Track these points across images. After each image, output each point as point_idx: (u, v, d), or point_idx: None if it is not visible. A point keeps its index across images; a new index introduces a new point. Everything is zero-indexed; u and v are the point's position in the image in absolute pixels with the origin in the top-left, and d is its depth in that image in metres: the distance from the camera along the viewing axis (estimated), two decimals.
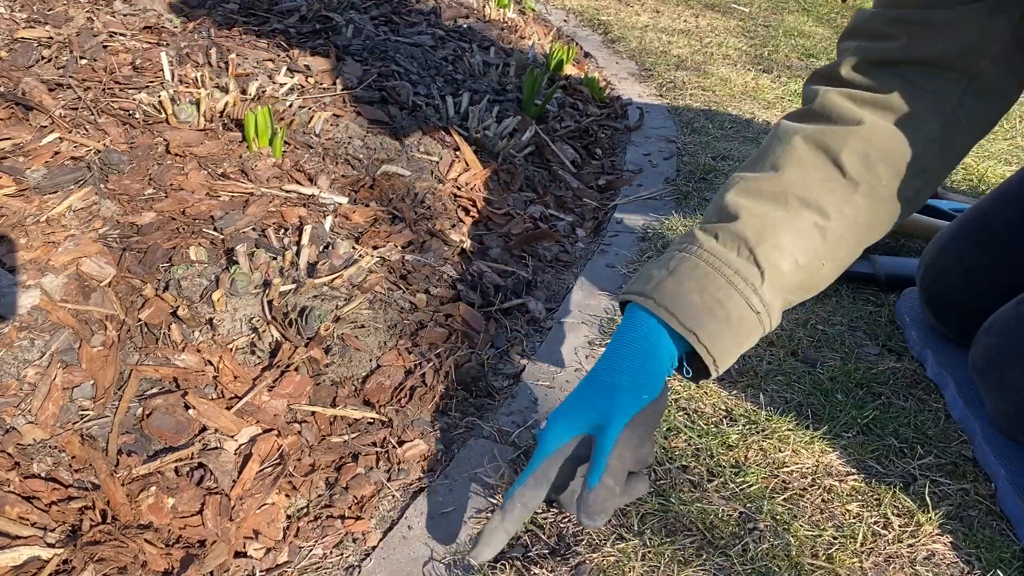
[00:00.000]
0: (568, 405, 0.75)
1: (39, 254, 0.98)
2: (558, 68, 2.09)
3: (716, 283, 0.73)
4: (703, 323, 0.72)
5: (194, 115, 1.31)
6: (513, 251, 1.33)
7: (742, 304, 0.73)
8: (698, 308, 0.72)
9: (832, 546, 0.79)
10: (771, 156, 0.80)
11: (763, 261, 0.74)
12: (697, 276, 0.74)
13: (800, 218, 0.75)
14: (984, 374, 0.94)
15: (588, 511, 0.68)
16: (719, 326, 0.72)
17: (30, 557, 0.72)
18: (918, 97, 0.77)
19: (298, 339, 0.99)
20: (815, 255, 0.76)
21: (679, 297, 0.73)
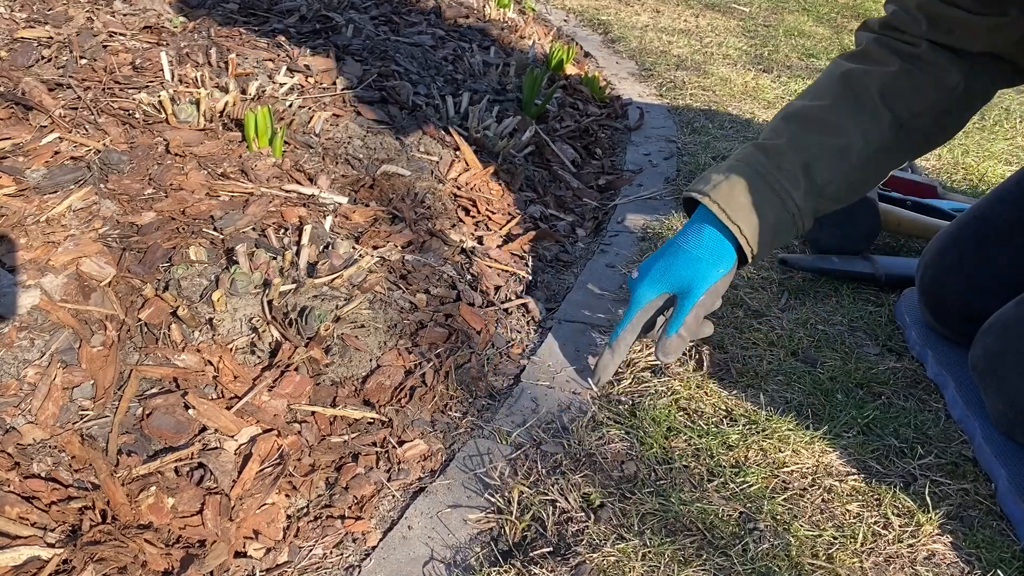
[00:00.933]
0: (656, 267, 0.98)
1: (39, 254, 0.98)
2: (558, 68, 2.09)
3: (760, 187, 0.93)
4: (746, 219, 0.92)
5: (194, 115, 1.31)
6: (513, 251, 1.33)
7: (780, 208, 0.93)
8: (744, 207, 0.92)
9: (832, 546, 0.79)
10: (817, 87, 1.00)
11: (800, 173, 0.94)
12: (744, 180, 0.93)
13: (833, 140, 0.94)
14: (984, 375, 0.94)
15: (665, 351, 0.97)
16: (759, 223, 0.93)
17: (30, 557, 0.72)
18: (942, 55, 0.95)
19: (298, 339, 0.99)
20: (843, 172, 0.95)
21: (731, 196, 0.93)
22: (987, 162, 1.84)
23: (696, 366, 1.06)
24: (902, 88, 0.95)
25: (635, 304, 0.98)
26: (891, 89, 0.95)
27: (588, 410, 0.97)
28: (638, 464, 0.89)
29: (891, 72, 0.95)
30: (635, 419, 0.95)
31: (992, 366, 0.93)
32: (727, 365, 1.07)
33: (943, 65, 0.95)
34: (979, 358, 0.95)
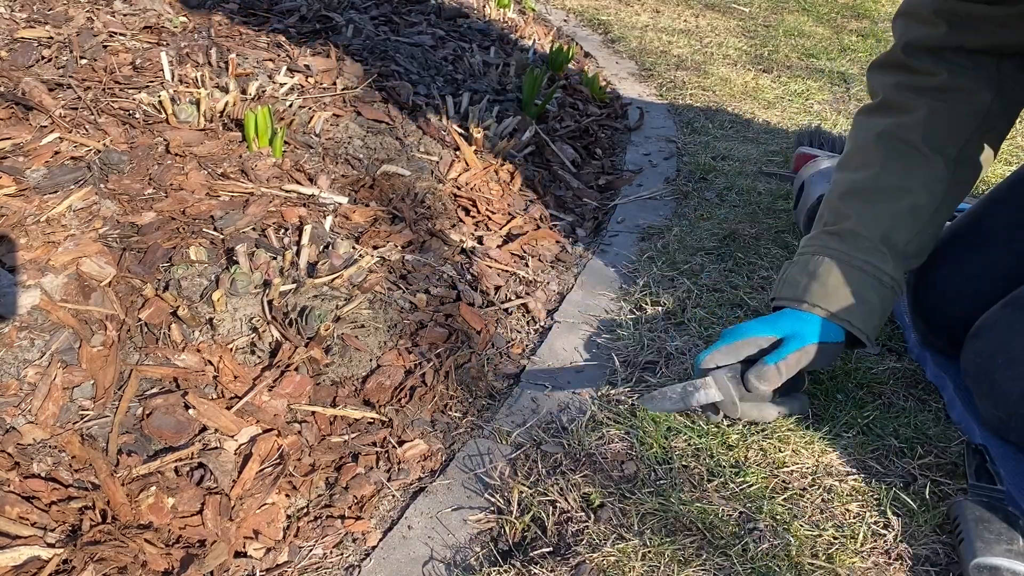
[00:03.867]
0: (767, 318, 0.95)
1: (39, 254, 0.98)
2: (558, 68, 2.09)
3: (853, 274, 0.92)
4: (851, 310, 0.91)
5: (194, 115, 1.31)
6: (513, 251, 1.33)
7: (878, 286, 0.93)
8: (843, 298, 0.92)
9: (832, 546, 0.79)
10: (861, 155, 0.98)
11: (883, 247, 0.93)
12: (836, 274, 0.92)
13: (901, 203, 0.94)
14: (975, 378, 0.94)
15: (760, 375, 0.90)
16: (866, 309, 0.92)
17: (30, 557, 0.72)
18: (963, 75, 0.94)
19: (298, 339, 0.99)
20: (919, 229, 0.95)
21: (827, 295, 0.92)
22: None
23: None
24: (940, 127, 0.94)
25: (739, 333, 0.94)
26: (931, 133, 0.94)
27: (588, 410, 0.97)
28: (638, 464, 0.89)
29: (924, 116, 0.94)
30: (635, 419, 0.95)
31: (982, 369, 0.93)
32: None
33: (970, 88, 0.94)
34: (969, 363, 0.96)
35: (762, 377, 0.90)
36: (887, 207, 0.94)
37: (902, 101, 0.96)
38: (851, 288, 0.91)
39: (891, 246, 0.93)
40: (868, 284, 0.92)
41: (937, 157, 0.94)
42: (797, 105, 2.16)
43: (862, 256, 0.93)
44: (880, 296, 0.93)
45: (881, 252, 0.93)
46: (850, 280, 0.92)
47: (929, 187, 0.94)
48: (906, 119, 0.95)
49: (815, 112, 2.12)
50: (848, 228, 0.94)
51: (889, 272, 0.93)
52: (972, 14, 0.91)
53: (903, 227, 0.94)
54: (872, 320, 0.93)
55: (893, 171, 0.95)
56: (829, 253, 0.94)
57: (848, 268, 0.92)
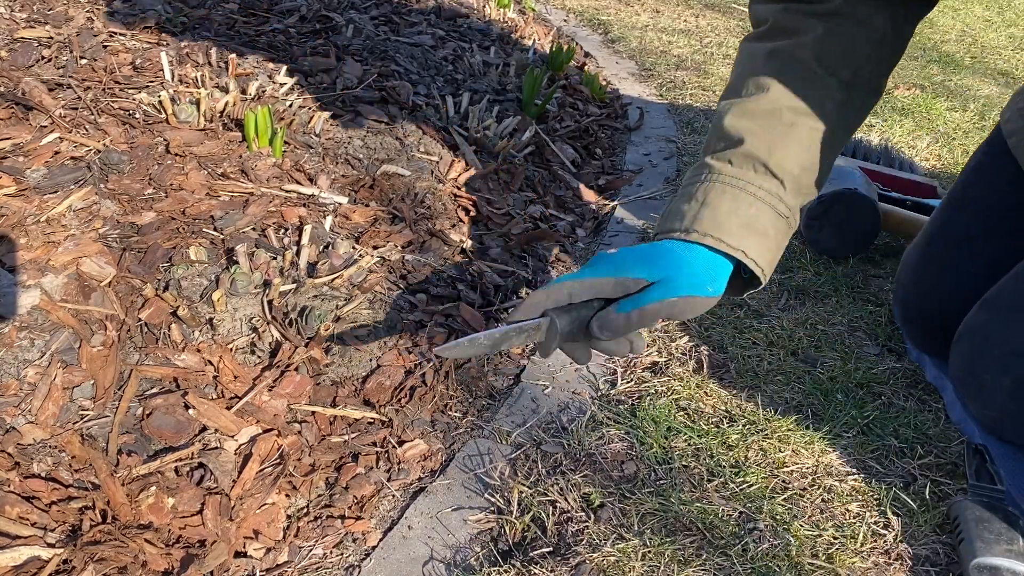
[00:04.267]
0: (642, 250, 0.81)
1: (39, 254, 0.98)
2: (558, 68, 2.09)
3: (747, 201, 0.81)
4: (745, 239, 0.80)
5: (194, 115, 1.31)
6: (513, 251, 1.33)
7: (772, 214, 0.82)
8: (737, 228, 0.80)
9: (832, 546, 0.79)
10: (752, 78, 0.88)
11: (778, 171, 0.83)
12: (728, 200, 0.81)
13: (796, 126, 0.85)
14: (964, 382, 0.95)
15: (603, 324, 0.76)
16: (760, 239, 0.81)
17: (30, 557, 0.72)
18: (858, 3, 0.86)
19: (298, 339, 0.99)
20: (817, 155, 0.86)
21: (718, 223, 0.80)
22: None
23: (696, 366, 1.06)
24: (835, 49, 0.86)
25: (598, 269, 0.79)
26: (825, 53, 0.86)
27: (588, 410, 0.97)
28: (638, 464, 0.89)
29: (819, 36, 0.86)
30: (635, 419, 0.95)
31: (970, 372, 0.93)
32: (727, 365, 1.07)
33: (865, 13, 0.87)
34: (956, 368, 0.96)
35: (605, 326, 0.76)
36: (781, 129, 0.85)
37: (795, 24, 0.88)
38: (744, 216, 0.81)
39: (786, 172, 0.83)
40: (764, 212, 0.82)
41: (831, 77, 0.87)
42: None
43: (757, 181, 0.83)
44: (775, 227, 0.83)
45: (776, 179, 0.83)
46: (743, 207, 0.81)
47: (823, 107, 0.86)
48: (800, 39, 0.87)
49: None
50: (740, 152, 0.84)
51: (785, 200, 0.83)
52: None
53: (799, 152, 0.85)
54: (767, 253, 0.82)
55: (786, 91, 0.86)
56: (719, 179, 0.83)
57: (741, 195, 0.82)
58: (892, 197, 1.43)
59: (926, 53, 2.92)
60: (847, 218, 1.31)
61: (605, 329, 0.77)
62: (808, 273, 1.30)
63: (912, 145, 1.96)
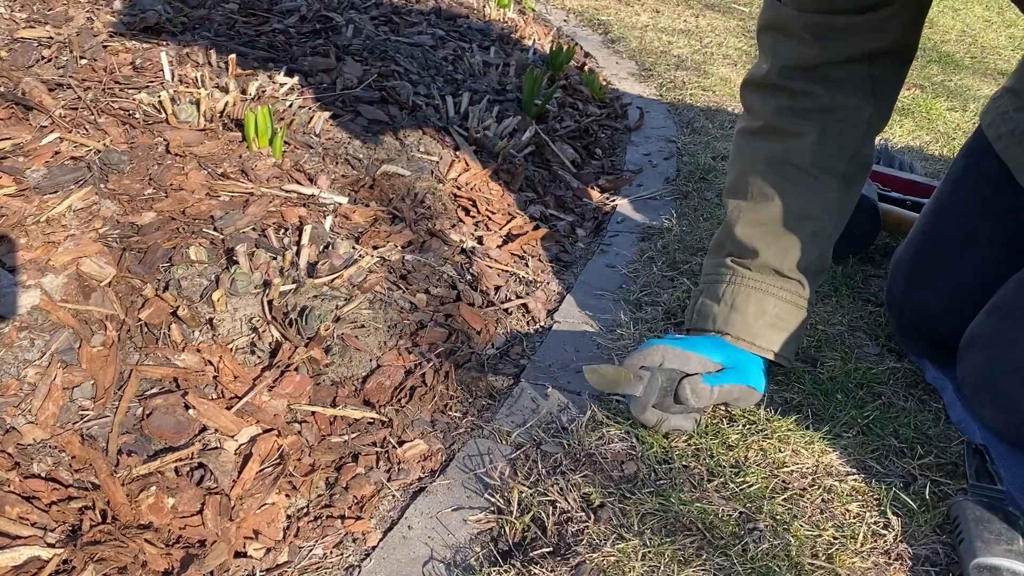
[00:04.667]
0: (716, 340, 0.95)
1: (39, 254, 0.98)
2: (558, 68, 2.09)
3: (771, 303, 0.95)
4: (773, 339, 0.94)
5: (194, 115, 1.31)
6: (513, 251, 1.33)
7: (795, 311, 0.95)
8: (764, 330, 0.94)
9: (832, 546, 0.79)
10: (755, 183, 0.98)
11: (794, 275, 0.95)
12: (753, 302, 0.94)
13: (805, 229, 0.95)
14: (976, 388, 0.94)
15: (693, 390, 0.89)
16: (784, 335, 0.95)
17: (30, 557, 0.72)
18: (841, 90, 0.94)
19: (298, 339, 0.99)
20: (823, 248, 0.98)
21: (747, 326, 0.94)
22: None
23: None
24: (830, 150, 0.95)
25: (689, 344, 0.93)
26: (820, 156, 0.95)
27: (588, 410, 0.97)
28: (638, 464, 0.89)
29: (812, 141, 0.95)
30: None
31: (984, 379, 0.92)
32: None
33: (850, 104, 0.95)
34: (969, 374, 0.95)
35: (696, 393, 0.89)
36: (792, 237, 0.95)
37: (787, 126, 0.97)
38: (771, 318, 0.94)
39: (801, 273, 0.95)
40: (787, 310, 0.95)
41: (829, 179, 0.96)
42: None
43: (778, 284, 0.95)
44: (798, 320, 0.95)
45: (795, 280, 0.95)
46: (769, 308, 0.94)
47: (828, 209, 0.97)
48: (793, 144, 0.96)
49: None
50: (758, 263, 0.96)
51: (803, 295, 0.96)
52: (841, 25, 0.90)
53: (809, 252, 0.96)
54: (792, 345, 0.96)
55: (792, 201, 0.96)
56: (744, 283, 0.96)
57: (765, 297, 0.94)
58: (892, 197, 1.43)
59: (926, 53, 2.92)
60: None
61: (696, 394, 0.89)
62: None
63: (912, 145, 1.96)
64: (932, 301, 1.06)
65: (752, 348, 0.93)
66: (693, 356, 0.92)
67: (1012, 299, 0.94)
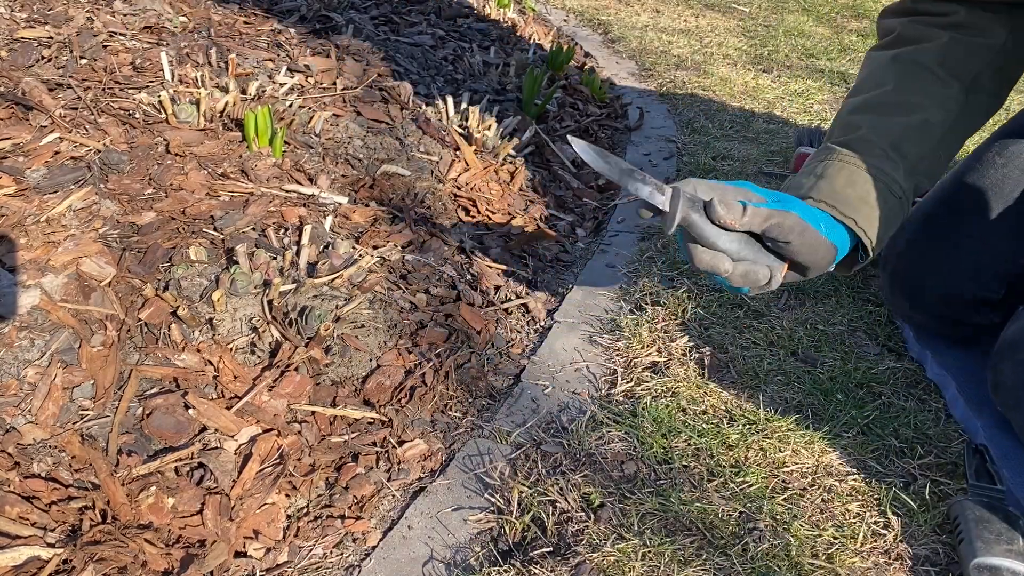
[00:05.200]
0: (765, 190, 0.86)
1: (39, 254, 0.98)
2: (558, 68, 2.09)
3: (863, 177, 0.87)
4: (858, 210, 0.85)
5: (194, 115, 1.31)
6: (513, 251, 1.33)
7: (887, 193, 0.87)
8: (852, 199, 0.85)
9: (832, 546, 0.79)
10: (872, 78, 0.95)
11: (894, 153, 0.88)
12: (845, 175, 0.87)
13: (914, 117, 0.90)
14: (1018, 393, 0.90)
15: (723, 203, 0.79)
16: (871, 211, 0.86)
17: (30, 557, 0.72)
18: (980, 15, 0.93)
19: (298, 339, 0.99)
20: (932, 145, 0.91)
21: (835, 192, 0.86)
22: None
23: (696, 366, 1.06)
24: (957, 55, 0.93)
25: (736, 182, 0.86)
26: (948, 58, 0.92)
27: (588, 410, 0.97)
28: (638, 464, 0.89)
29: (942, 43, 0.93)
30: (635, 419, 0.95)
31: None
32: (727, 365, 1.07)
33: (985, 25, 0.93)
34: (1008, 377, 0.91)
35: (727, 205, 0.79)
36: (899, 119, 0.90)
37: (919, 33, 0.95)
38: (859, 190, 0.86)
39: (903, 155, 0.89)
40: (878, 188, 0.87)
41: (952, 80, 0.93)
42: (797, 105, 2.16)
43: (873, 161, 0.88)
44: (888, 204, 0.87)
45: (892, 160, 0.88)
46: (859, 182, 0.87)
47: (944, 105, 0.92)
48: (924, 46, 0.94)
49: (815, 112, 2.12)
50: (858, 137, 0.90)
51: (900, 181, 0.88)
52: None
53: (915, 140, 0.90)
54: (877, 225, 0.86)
55: (907, 89, 0.92)
56: (838, 158, 0.89)
57: (858, 171, 0.87)
58: None
59: None
60: None
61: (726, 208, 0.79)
62: None
63: None
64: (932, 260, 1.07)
65: (834, 212, 0.85)
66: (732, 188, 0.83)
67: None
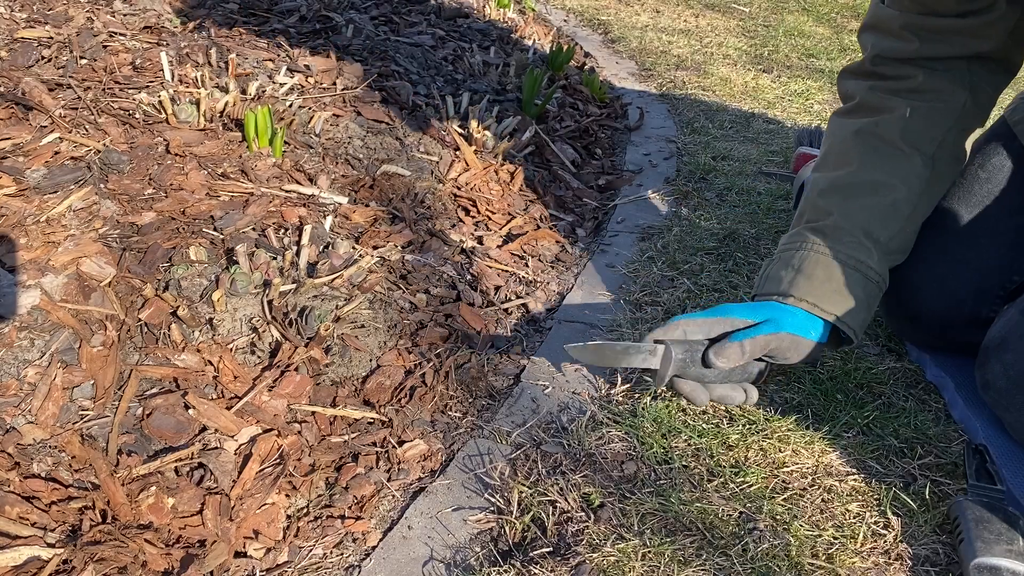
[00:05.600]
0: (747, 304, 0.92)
1: (39, 254, 0.98)
2: (558, 68, 2.09)
3: (838, 269, 0.90)
4: (838, 304, 0.89)
5: (194, 115, 1.31)
6: (513, 251, 1.33)
7: (864, 281, 0.90)
8: (830, 293, 0.89)
9: (832, 546, 0.79)
10: (839, 154, 0.97)
11: (867, 241, 0.91)
12: (821, 268, 0.90)
13: (882, 198, 0.92)
14: (1008, 392, 0.91)
15: (719, 352, 0.87)
16: (850, 303, 0.89)
17: (30, 557, 0.72)
18: (940, 78, 0.94)
19: (298, 339, 0.99)
20: (901, 224, 0.94)
21: (813, 289, 0.90)
22: None
23: None
24: (918, 126, 0.93)
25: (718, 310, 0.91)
26: (909, 130, 0.93)
27: (588, 410, 0.97)
28: (638, 464, 0.89)
29: (903, 114, 0.94)
30: (635, 419, 0.95)
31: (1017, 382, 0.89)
32: None
33: (944, 87, 0.94)
34: (997, 376, 0.92)
35: (720, 353, 0.87)
36: (868, 201, 0.92)
37: (879, 102, 0.96)
38: (837, 283, 0.90)
39: (875, 240, 0.92)
40: (854, 279, 0.90)
41: (915, 153, 0.94)
42: (797, 105, 2.16)
43: (847, 251, 0.91)
44: (866, 291, 0.91)
45: (866, 247, 0.91)
46: (835, 275, 0.90)
47: (908, 182, 0.94)
48: (884, 117, 0.95)
49: (815, 112, 2.12)
50: (830, 224, 0.92)
51: (874, 267, 0.92)
52: (942, 27, 0.91)
53: (885, 222, 0.92)
54: (859, 315, 0.91)
55: (872, 167, 0.94)
56: (813, 248, 0.92)
57: (833, 263, 0.91)
58: None
59: None
60: None
61: (720, 355, 0.86)
62: None
63: None
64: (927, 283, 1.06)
65: (815, 309, 0.89)
66: (718, 320, 0.89)
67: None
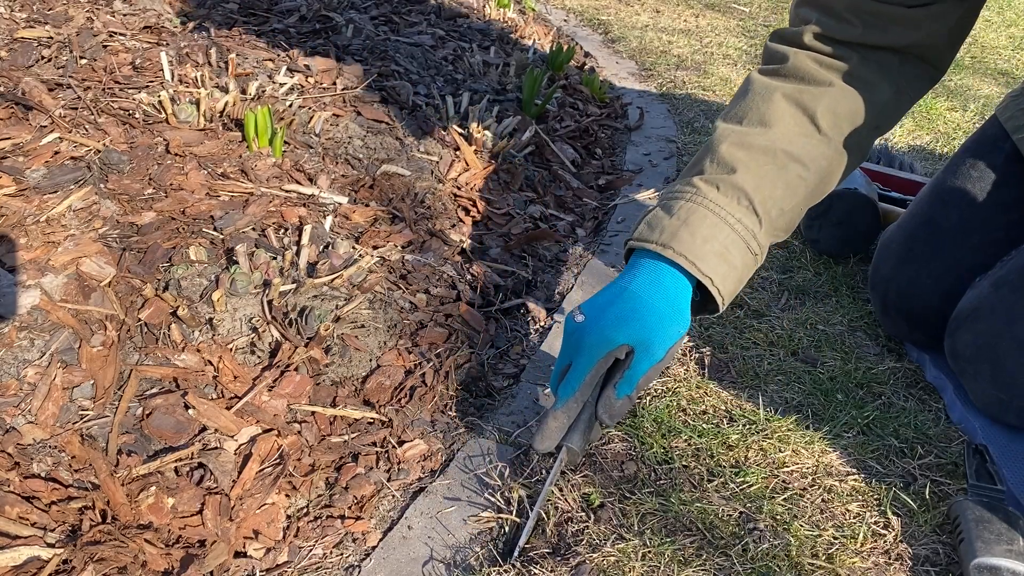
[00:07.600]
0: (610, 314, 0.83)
1: (39, 254, 0.98)
2: (558, 68, 2.09)
3: (723, 232, 0.84)
4: (716, 268, 0.83)
5: (194, 115, 1.31)
6: (513, 251, 1.33)
7: (745, 250, 0.85)
8: (710, 255, 0.83)
9: (832, 546, 0.79)
10: (756, 111, 0.91)
11: (760, 210, 0.86)
12: (707, 225, 0.84)
13: (788, 171, 0.87)
14: (972, 361, 0.94)
15: (611, 413, 0.83)
16: (728, 271, 0.84)
17: (30, 557, 0.72)
18: (872, 68, 0.90)
19: (298, 339, 0.99)
20: (797, 202, 0.89)
21: (694, 246, 0.83)
22: None
23: (696, 366, 1.06)
24: (841, 111, 0.89)
25: (589, 355, 0.82)
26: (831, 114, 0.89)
27: None
28: (638, 464, 0.89)
29: (832, 92, 0.89)
30: (635, 419, 0.95)
31: (983, 353, 0.93)
32: (727, 365, 1.07)
33: (874, 81, 0.90)
34: (966, 346, 0.95)
35: (614, 414, 0.83)
36: (772, 171, 0.87)
37: (810, 73, 0.90)
38: (719, 245, 0.84)
39: (767, 212, 0.86)
40: (737, 246, 0.85)
41: (832, 137, 0.90)
42: None
43: (737, 215, 0.85)
44: (743, 262, 0.86)
45: (757, 216, 0.86)
46: (720, 236, 0.84)
47: (816, 164, 0.89)
48: (811, 90, 0.90)
49: None
50: (729, 181, 0.86)
51: (759, 240, 0.86)
52: (888, 14, 0.88)
53: (784, 197, 0.87)
54: (731, 284, 0.85)
55: (787, 137, 0.88)
56: (704, 203, 0.86)
57: (721, 223, 0.84)
58: (892, 197, 1.43)
59: None
60: (847, 218, 1.31)
61: (616, 418, 0.83)
62: (808, 273, 1.30)
63: (912, 145, 1.96)
64: (922, 281, 1.08)
65: (692, 268, 0.83)
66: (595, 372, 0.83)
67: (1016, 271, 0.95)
